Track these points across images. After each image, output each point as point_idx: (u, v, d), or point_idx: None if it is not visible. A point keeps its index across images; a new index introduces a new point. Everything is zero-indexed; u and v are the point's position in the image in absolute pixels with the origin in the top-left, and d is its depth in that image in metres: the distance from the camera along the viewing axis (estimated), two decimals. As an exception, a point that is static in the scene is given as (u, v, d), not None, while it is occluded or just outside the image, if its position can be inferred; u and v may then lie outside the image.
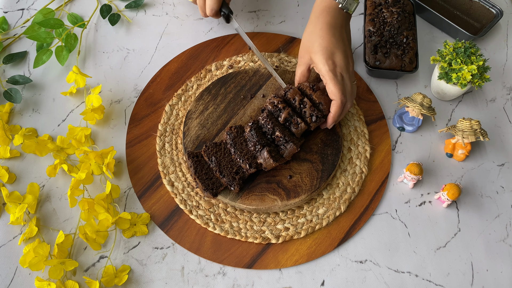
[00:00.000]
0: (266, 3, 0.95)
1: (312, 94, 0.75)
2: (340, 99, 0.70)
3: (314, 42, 0.70)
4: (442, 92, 0.83)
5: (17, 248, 0.71)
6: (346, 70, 0.70)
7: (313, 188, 0.73)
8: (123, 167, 0.78)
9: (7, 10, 0.93)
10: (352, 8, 0.72)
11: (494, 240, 0.74)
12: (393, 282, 0.70)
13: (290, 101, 0.75)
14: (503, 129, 0.83)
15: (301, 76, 0.75)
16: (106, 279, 0.67)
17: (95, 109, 0.77)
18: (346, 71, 0.70)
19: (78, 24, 0.88)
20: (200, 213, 0.73)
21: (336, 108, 0.71)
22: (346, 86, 0.71)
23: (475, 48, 0.78)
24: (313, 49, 0.70)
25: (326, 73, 0.69)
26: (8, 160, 0.78)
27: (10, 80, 0.83)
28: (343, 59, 0.70)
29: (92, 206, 0.69)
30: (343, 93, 0.70)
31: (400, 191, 0.77)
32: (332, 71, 0.69)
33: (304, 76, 0.75)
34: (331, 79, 0.69)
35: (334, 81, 0.69)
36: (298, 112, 0.74)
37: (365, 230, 0.74)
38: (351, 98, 0.72)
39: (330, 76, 0.69)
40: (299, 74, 0.75)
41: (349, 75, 0.71)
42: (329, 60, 0.69)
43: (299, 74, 0.75)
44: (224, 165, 0.71)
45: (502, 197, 0.77)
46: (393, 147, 0.81)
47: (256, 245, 0.72)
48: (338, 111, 0.71)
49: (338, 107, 0.71)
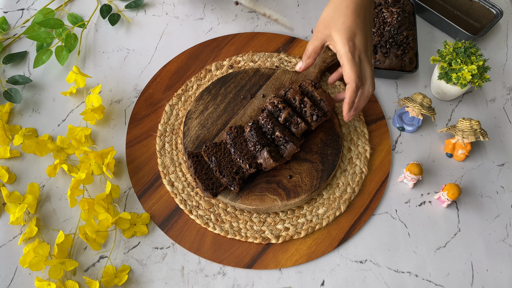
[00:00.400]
0: (266, 3, 0.95)
1: (314, 91, 0.75)
2: (355, 82, 0.67)
3: (338, 19, 0.67)
4: (442, 92, 0.83)
5: (17, 248, 0.71)
6: (365, 54, 0.68)
7: (313, 188, 0.73)
8: (123, 167, 0.78)
9: (7, 10, 0.93)
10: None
11: (494, 240, 0.74)
12: (393, 282, 0.70)
13: (290, 101, 0.75)
14: (503, 129, 0.83)
15: (313, 52, 0.72)
16: (106, 279, 0.67)
17: (95, 109, 0.77)
18: (365, 55, 0.68)
19: (78, 24, 0.88)
20: (200, 213, 0.73)
21: (350, 92, 0.67)
22: (363, 69, 0.68)
23: (475, 48, 0.78)
24: (335, 26, 0.67)
25: (345, 54, 0.66)
26: (8, 160, 0.78)
27: (10, 80, 0.83)
28: (363, 41, 0.67)
29: (92, 206, 0.69)
30: (359, 77, 0.67)
31: (400, 191, 0.77)
32: (351, 53, 0.66)
33: (316, 52, 0.72)
34: (349, 61, 0.66)
35: (352, 63, 0.66)
36: (299, 112, 0.74)
37: (365, 230, 0.74)
38: (370, 82, 0.69)
39: (349, 58, 0.66)
40: (311, 50, 0.71)
41: (368, 58, 0.68)
42: (350, 41, 0.66)
43: (311, 50, 0.71)
44: (224, 165, 0.71)
45: (502, 197, 0.77)
46: (393, 147, 0.81)
47: (256, 245, 0.72)
48: (352, 95, 0.68)
49: (353, 92, 0.67)
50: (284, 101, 0.74)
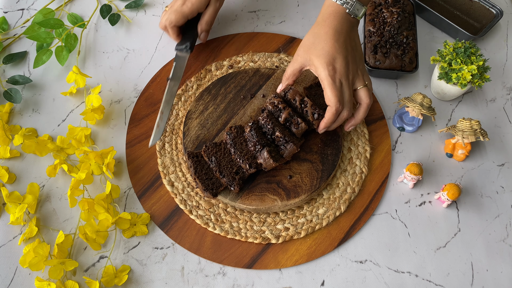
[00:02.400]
0: (266, 3, 0.95)
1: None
2: (335, 106, 0.69)
3: (317, 44, 0.70)
4: (442, 92, 0.83)
5: (17, 248, 0.71)
6: (346, 77, 0.70)
7: (313, 188, 0.73)
8: (123, 167, 0.78)
9: (7, 10, 0.93)
10: (360, 14, 0.71)
11: (494, 240, 0.74)
12: (393, 282, 0.70)
13: (291, 102, 0.75)
14: (503, 129, 0.83)
15: (292, 74, 0.74)
16: (106, 279, 0.67)
17: (95, 109, 0.77)
18: (346, 78, 0.70)
19: (78, 24, 0.88)
20: (200, 213, 0.73)
21: (330, 114, 0.70)
22: (344, 93, 0.70)
23: (475, 48, 0.78)
24: (315, 51, 0.70)
25: (325, 78, 0.69)
26: (8, 160, 0.78)
27: (10, 80, 0.83)
28: (344, 65, 0.69)
29: (92, 206, 0.69)
30: (340, 101, 0.69)
31: (400, 191, 0.77)
32: (331, 77, 0.68)
33: (295, 75, 0.74)
34: (329, 85, 0.68)
35: (332, 87, 0.68)
36: (299, 112, 0.75)
37: (365, 230, 0.74)
38: (348, 106, 0.71)
39: (329, 82, 0.68)
40: (290, 72, 0.73)
41: (348, 82, 0.70)
42: (329, 66, 0.68)
43: (290, 72, 0.73)
44: (224, 165, 0.71)
45: (502, 197, 0.77)
46: (393, 147, 0.81)
47: (256, 245, 0.72)
48: (331, 118, 0.70)
49: (332, 114, 0.70)
50: (284, 101, 0.74)
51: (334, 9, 0.70)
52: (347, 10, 0.70)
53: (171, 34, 0.83)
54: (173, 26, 0.81)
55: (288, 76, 0.74)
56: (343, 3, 0.69)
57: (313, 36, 0.71)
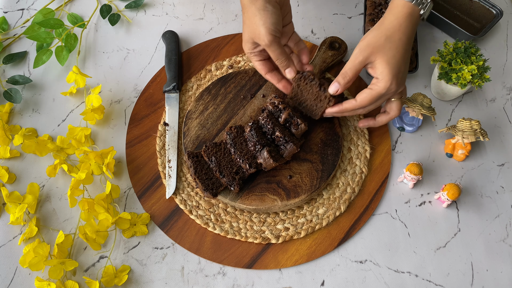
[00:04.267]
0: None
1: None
2: (365, 109, 0.70)
3: (388, 50, 0.65)
4: (442, 92, 0.83)
5: (17, 248, 0.71)
6: (396, 91, 0.68)
7: (313, 188, 0.73)
8: (123, 167, 0.78)
9: (7, 10, 0.93)
10: (426, 16, 0.68)
11: (494, 240, 0.74)
12: (393, 282, 0.70)
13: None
14: (503, 129, 0.83)
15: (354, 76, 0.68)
16: (106, 279, 0.67)
17: (95, 109, 0.77)
18: (395, 92, 0.68)
19: (78, 24, 0.88)
20: (200, 213, 0.73)
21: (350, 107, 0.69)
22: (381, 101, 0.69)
23: (475, 48, 0.78)
24: (384, 56, 0.65)
25: (383, 89, 0.66)
26: (8, 160, 0.78)
27: (10, 80, 0.84)
28: (402, 80, 0.67)
29: (92, 206, 0.69)
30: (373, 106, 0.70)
31: (400, 191, 0.77)
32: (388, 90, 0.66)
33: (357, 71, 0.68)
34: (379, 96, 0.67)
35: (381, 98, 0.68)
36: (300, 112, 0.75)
37: (365, 230, 0.74)
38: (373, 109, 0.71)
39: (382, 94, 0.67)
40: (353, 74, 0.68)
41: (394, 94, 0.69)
42: (394, 78, 0.65)
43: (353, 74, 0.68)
44: (224, 165, 0.71)
45: (502, 197, 0.77)
46: (393, 147, 0.81)
47: (256, 245, 0.72)
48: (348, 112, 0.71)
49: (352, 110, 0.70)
50: (284, 102, 0.74)
51: (410, 11, 0.65)
52: (421, 12, 0.66)
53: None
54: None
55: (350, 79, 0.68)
56: (419, 3, 0.65)
57: (385, 37, 0.65)
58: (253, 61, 0.73)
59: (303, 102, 0.74)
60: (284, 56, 0.69)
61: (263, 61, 0.73)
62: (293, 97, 0.75)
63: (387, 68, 0.65)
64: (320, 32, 0.92)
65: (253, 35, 0.68)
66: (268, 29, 0.66)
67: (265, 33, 0.66)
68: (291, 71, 0.71)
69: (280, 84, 0.74)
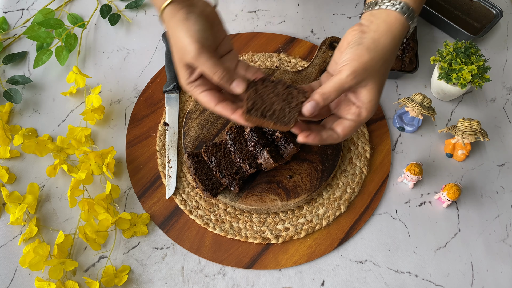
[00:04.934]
0: (266, 3, 0.95)
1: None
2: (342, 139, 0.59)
3: (382, 76, 0.57)
4: (442, 92, 0.83)
5: (17, 248, 0.71)
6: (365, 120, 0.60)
7: (313, 188, 0.73)
8: (123, 167, 0.78)
9: (7, 10, 0.93)
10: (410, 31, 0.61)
11: (494, 240, 0.74)
12: (393, 282, 0.70)
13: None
14: (503, 129, 0.83)
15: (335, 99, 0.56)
16: (106, 279, 0.67)
17: (95, 109, 0.77)
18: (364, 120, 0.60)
19: (78, 24, 0.88)
20: (200, 213, 0.73)
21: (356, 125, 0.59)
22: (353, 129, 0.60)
23: (475, 48, 0.78)
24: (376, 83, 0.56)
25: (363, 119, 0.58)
26: (8, 160, 0.78)
27: (10, 80, 0.83)
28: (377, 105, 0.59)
29: (92, 206, 0.69)
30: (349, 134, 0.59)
31: (400, 191, 0.77)
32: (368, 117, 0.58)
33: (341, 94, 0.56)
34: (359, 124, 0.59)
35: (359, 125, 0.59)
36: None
37: (365, 230, 0.74)
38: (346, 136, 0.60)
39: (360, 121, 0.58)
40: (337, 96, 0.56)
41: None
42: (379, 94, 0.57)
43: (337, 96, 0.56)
44: (224, 165, 0.71)
45: (502, 197, 0.77)
46: (393, 147, 0.81)
47: (256, 245, 0.72)
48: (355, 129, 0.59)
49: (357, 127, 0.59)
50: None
51: (405, 29, 0.58)
52: (410, 29, 0.59)
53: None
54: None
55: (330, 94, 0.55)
56: (411, 18, 0.57)
57: (383, 62, 0.56)
58: (197, 96, 0.59)
59: (267, 111, 0.56)
60: (221, 67, 0.56)
61: (208, 92, 0.58)
62: (250, 109, 0.56)
63: (376, 98, 0.57)
64: (320, 32, 0.92)
65: (181, 54, 0.56)
66: (192, 37, 0.54)
67: (189, 42, 0.54)
68: (238, 83, 0.57)
69: (235, 115, 0.58)
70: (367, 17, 0.58)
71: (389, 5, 0.57)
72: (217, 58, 0.56)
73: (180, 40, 0.55)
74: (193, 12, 0.56)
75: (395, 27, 0.57)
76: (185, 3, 0.57)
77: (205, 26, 0.56)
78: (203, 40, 0.55)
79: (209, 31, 0.57)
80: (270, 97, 0.57)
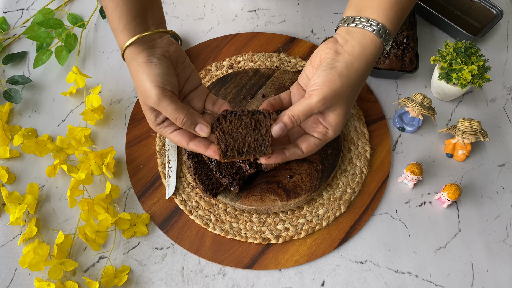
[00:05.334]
0: (267, 2, 0.95)
1: None
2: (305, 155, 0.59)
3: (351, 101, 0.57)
4: (443, 92, 0.82)
5: (17, 249, 0.70)
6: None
7: (313, 188, 0.73)
8: (123, 167, 0.77)
9: (7, 10, 0.93)
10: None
11: (495, 241, 0.74)
12: (393, 283, 0.70)
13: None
14: (504, 129, 0.83)
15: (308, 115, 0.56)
16: (105, 279, 0.67)
17: (95, 109, 0.77)
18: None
19: (78, 24, 0.88)
20: (200, 213, 0.73)
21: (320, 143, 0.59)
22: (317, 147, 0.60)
23: (476, 48, 0.78)
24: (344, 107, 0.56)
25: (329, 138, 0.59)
26: (8, 160, 0.77)
27: (9, 80, 0.83)
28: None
29: (92, 207, 0.69)
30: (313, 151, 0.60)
31: (400, 192, 0.77)
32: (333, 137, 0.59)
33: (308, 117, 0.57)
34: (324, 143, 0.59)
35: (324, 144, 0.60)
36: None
37: (365, 231, 0.74)
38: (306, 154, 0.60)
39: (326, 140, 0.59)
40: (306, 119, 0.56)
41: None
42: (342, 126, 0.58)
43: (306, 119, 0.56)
44: (224, 165, 0.71)
45: (502, 197, 0.77)
46: (393, 147, 0.81)
47: (256, 246, 0.72)
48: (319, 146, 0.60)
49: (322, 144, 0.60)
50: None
51: (378, 52, 0.57)
52: (384, 51, 0.58)
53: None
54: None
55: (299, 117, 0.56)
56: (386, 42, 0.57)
57: (354, 87, 0.56)
58: (167, 136, 0.59)
59: (241, 147, 0.57)
60: (183, 111, 0.55)
61: (178, 131, 0.58)
62: (225, 152, 0.57)
63: (343, 120, 0.57)
64: (320, 32, 0.92)
65: (144, 97, 0.56)
66: (153, 81, 0.54)
67: (150, 86, 0.54)
68: (202, 127, 0.56)
69: (209, 150, 0.58)
70: (342, 34, 0.57)
71: (366, 25, 0.56)
72: (178, 103, 0.56)
73: (142, 83, 0.55)
74: (154, 54, 0.56)
75: (370, 50, 0.56)
76: (147, 45, 0.57)
77: (167, 70, 0.56)
78: (164, 84, 0.55)
79: (171, 74, 0.57)
80: (239, 132, 0.57)
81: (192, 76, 0.61)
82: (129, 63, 0.57)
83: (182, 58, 0.60)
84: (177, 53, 0.59)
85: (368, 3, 0.57)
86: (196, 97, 0.61)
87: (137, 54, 0.56)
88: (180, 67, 0.60)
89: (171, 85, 0.56)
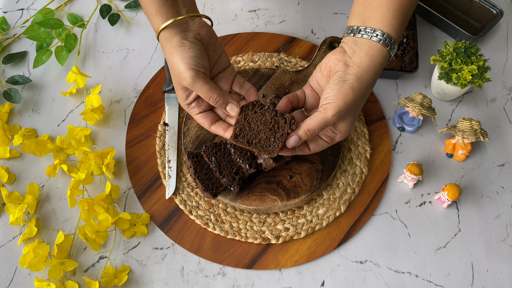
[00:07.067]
0: (266, 2, 0.95)
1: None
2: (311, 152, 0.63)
3: (358, 109, 0.60)
4: (442, 92, 0.82)
5: (17, 249, 0.70)
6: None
7: (313, 188, 0.73)
8: (123, 167, 0.77)
9: (7, 10, 0.93)
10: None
11: (494, 241, 0.74)
12: (393, 283, 0.70)
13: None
14: (503, 129, 0.83)
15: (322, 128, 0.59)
16: (105, 279, 0.67)
17: (95, 109, 0.77)
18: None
19: (78, 24, 0.88)
20: (200, 213, 0.73)
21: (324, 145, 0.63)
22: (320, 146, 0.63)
23: (475, 48, 0.78)
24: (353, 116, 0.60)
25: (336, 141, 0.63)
26: (8, 160, 0.77)
27: (9, 80, 0.83)
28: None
29: (92, 207, 0.69)
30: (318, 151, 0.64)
31: (400, 191, 0.77)
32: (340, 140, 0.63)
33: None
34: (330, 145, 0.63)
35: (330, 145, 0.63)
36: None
37: (365, 231, 0.74)
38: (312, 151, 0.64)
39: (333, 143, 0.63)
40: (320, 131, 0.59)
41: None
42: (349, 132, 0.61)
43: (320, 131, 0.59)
44: (224, 165, 0.71)
45: (502, 197, 0.77)
46: (393, 147, 0.81)
47: (256, 246, 0.72)
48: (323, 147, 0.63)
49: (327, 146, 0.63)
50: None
51: (385, 60, 0.59)
52: (389, 59, 0.59)
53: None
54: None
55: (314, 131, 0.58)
56: (392, 51, 0.58)
57: (362, 97, 0.59)
58: (194, 116, 0.64)
59: (253, 139, 0.61)
60: (216, 91, 0.59)
61: (204, 113, 0.63)
62: (238, 135, 0.61)
63: (351, 127, 0.61)
64: (320, 32, 0.92)
65: (178, 78, 0.60)
66: (187, 63, 0.57)
67: (184, 69, 0.57)
68: (233, 107, 0.61)
69: (227, 133, 0.62)
70: (350, 44, 0.59)
71: (373, 35, 0.57)
72: (211, 83, 0.60)
73: (176, 65, 0.59)
74: (186, 38, 0.59)
75: (377, 61, 0.57)
76: (180, 28, 0.60)
77: (199, 53, 0.59)
78: (197, 66, 0.58)
79: (203, 57, 0.60)
80: (257, 125, 0.61)
81: (222, 57, 0.64)
82: (163, 46, 0.60)
83: (213, 40, 0.63)
84: (208, 35, 0.62)
85: (372, 12, 0.58)
86: (224, 78, 0.64)
87: (170, 37, 0.59)
88: (211, 49, 0.63)
89: (204, 67, 0.59)
